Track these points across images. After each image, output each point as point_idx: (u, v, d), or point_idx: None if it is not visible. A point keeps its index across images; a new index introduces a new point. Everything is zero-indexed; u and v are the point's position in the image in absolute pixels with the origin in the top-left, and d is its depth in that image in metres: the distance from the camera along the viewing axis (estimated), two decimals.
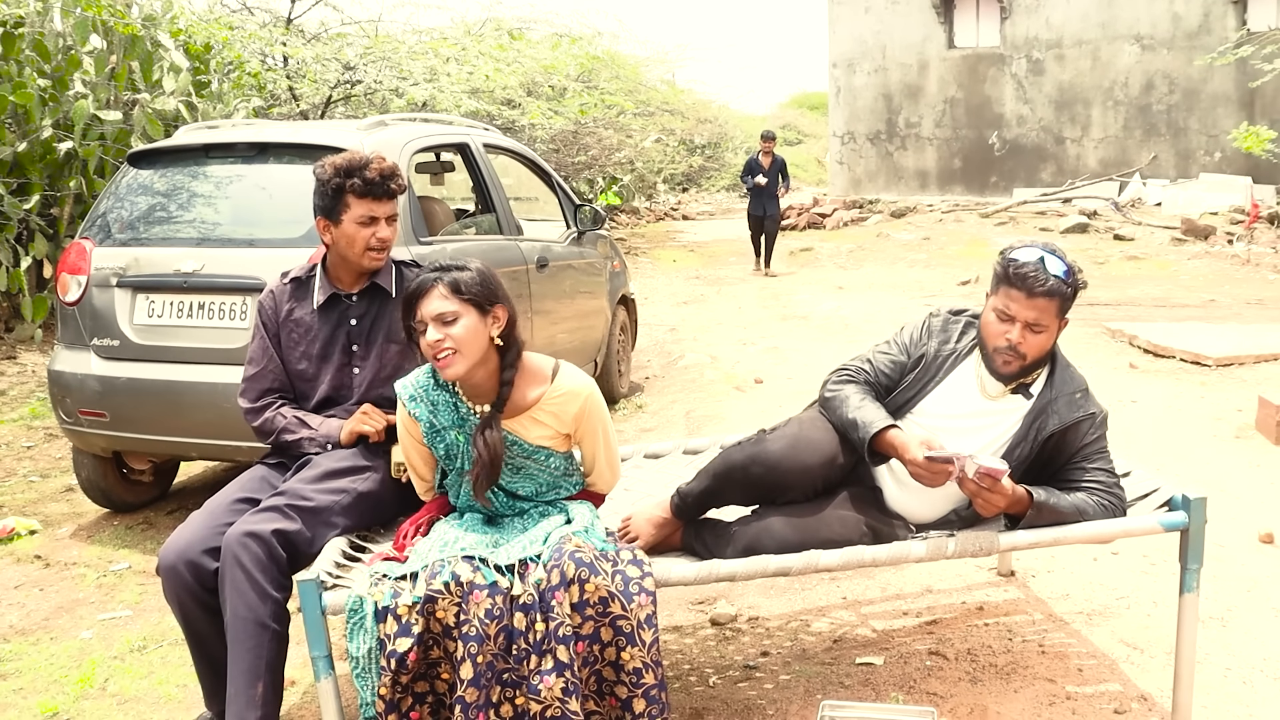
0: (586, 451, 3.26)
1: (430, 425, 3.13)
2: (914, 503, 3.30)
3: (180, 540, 3.22)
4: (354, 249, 3.51)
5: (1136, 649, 3.83)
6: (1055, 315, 3.16)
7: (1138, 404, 7.13)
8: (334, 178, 3.46)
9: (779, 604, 4.36)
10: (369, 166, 3.47)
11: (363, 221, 3.48)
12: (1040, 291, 3.11)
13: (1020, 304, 3.14)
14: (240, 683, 3.07)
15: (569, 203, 7.46)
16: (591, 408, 3.18)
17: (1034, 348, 3.18)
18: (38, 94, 9.28)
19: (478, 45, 14.89)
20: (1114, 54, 20.45)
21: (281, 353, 3.63)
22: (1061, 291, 3.14)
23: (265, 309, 3.65)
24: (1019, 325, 3.15)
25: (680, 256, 17.96)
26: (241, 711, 3.06)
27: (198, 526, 3.26)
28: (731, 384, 8.40)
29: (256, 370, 3.63)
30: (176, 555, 3.19)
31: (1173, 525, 3.16)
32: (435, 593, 2.79)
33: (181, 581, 3.19)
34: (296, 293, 3.65)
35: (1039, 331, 3.16)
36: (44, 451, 7.07)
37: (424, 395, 3.13)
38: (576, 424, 3.17)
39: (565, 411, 3.14)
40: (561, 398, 3.14)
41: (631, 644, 2.77)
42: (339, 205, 3.47)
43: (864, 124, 24.13)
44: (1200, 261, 14.49)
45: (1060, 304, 3.16)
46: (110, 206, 5.48)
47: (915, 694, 3.55)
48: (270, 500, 3.24)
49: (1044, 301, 3.12)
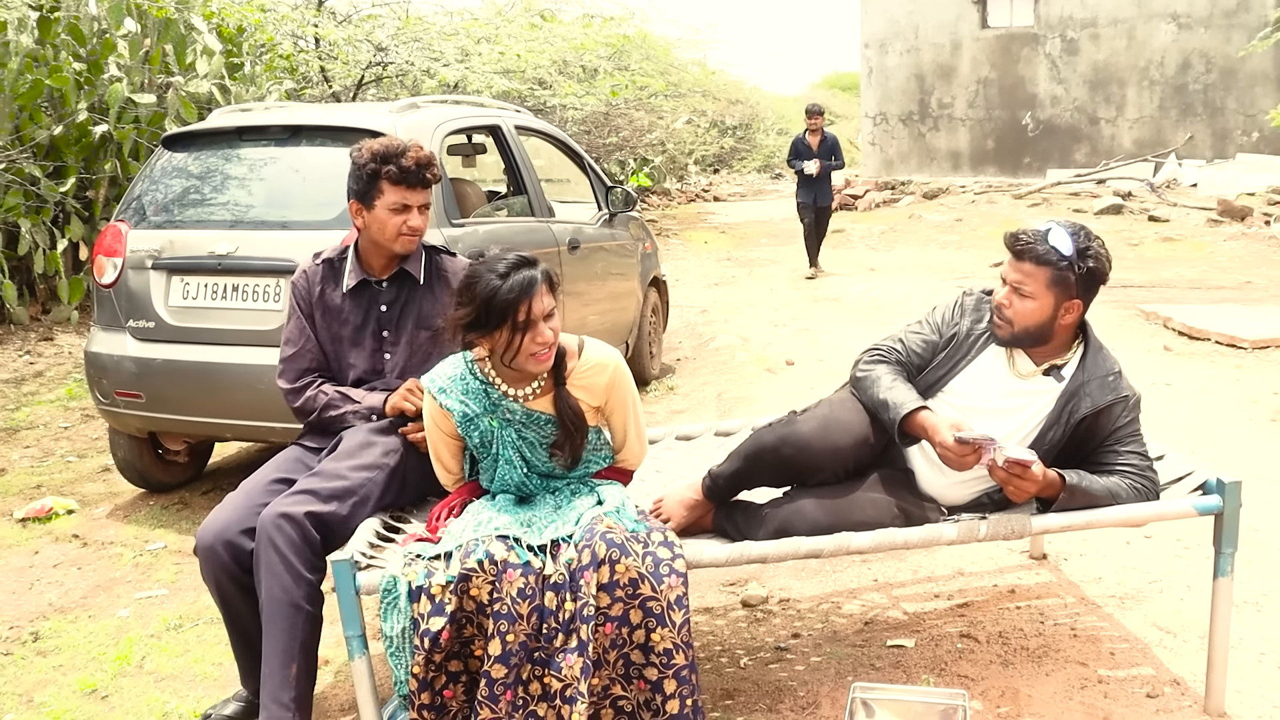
0: (616, 424, 3.26)
1: (464, 415, 3.13)
2: (946, 485, 3.30)
3: (217, 521, 3.26)
4: (385, 234, 3.51)
5: (1169, 633, 3.81)
6: (1045, 285, 3.14)
7: (1172, 387, 7.08)
8: (370, 163, 3.46)
9: (810, 586, 4.36)
10: (405, 154, 3.47)
11: (395, 209, 3.48)
12: (1027, 256, 3.14)
13: (1009, 265, 3.21)
14: (275, 662, 3.10)
15: (601, 184, 7.47)
16: (619, 377, 3.19)
17: (1019, 313, 3.18)
18: (73, 78, 9.37)
19: (509, 25, 14.87)
20: (1150, 33, 20.24)
21: (315, 333, 3.64)
22: (1051, 260, 3.12)
23: (299, 289, 3.66)
24: (1007, 287, 3.17)
25: (711, 238, 17.92)
26: (276, 691, 3.10)
27: (234, 508, 3.29)
28: (763, 366, 8.40)
29: (295, 350, 3.64)
30: (214, 536, 3.23)
31: (1207, 509, 3.14)
32: (469, 571, 2.81)
33: (219, 562, 3.23)
34: (328, 274, 3.65)
35: (1024, 296, 3.16)
36: (80, 432, 7.14)
37: (454, 386, 3.14)
38: (607, 395, 3.18)
39: (595, 384, 3.16)
40: (590, 370, 3.15)
41: (662, 625, 2.78)
42: (373, 190, 3.47)
43: (896, 105, 23.98)
44: (1236, 243, 14.34)
45: (1052, 275, 3.13)
46: (145, 189, 5.52)
47: (946, 676, 3.55)
48: (304, 482, 3.27)
49: (1030, 265, 3.14)
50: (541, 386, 3.13)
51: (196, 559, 3.31)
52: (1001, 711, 3.33)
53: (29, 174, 9.18)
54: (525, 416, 3.13)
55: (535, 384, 3.13)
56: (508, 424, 3.13)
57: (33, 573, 4.89)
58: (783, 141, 34.53)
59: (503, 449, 3.15)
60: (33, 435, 7.07)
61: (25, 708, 3.72)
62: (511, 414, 3.13)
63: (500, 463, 3.17)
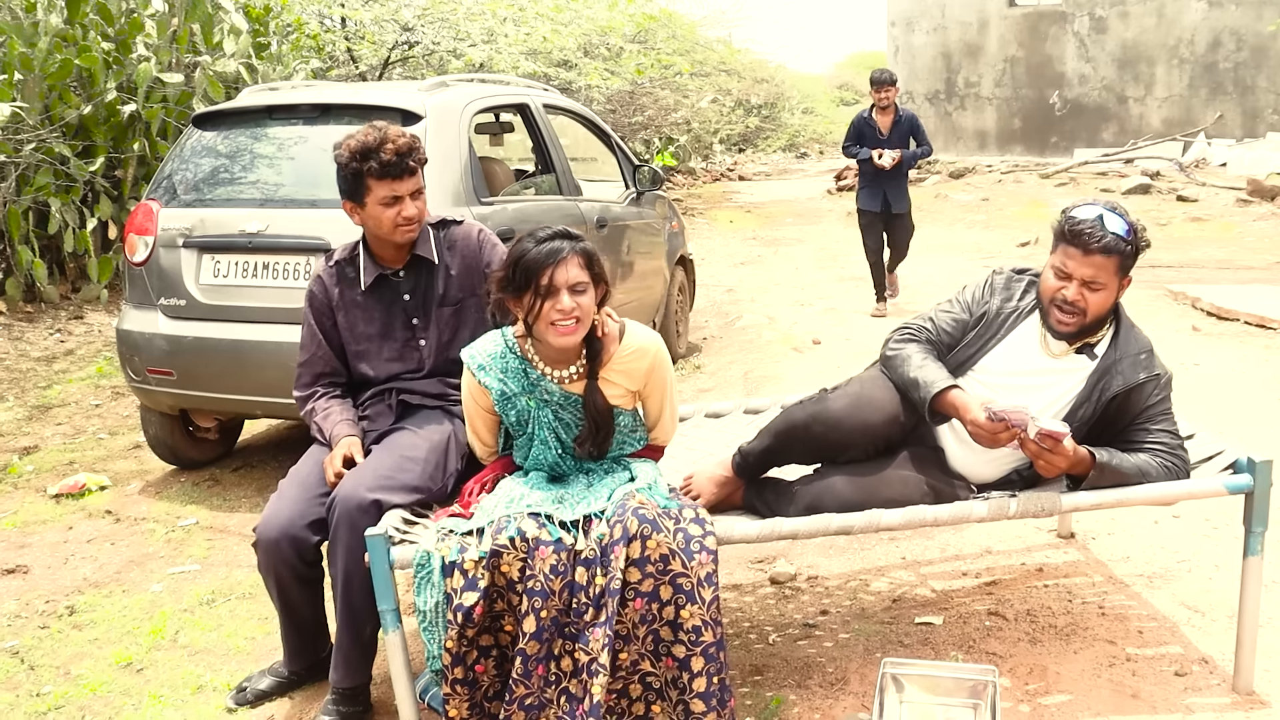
0: (652, 406, 3.27)
1: (501, 393, 3.14)
2: (976, 463, 3.30)
3: (281, 515, 3.29)
4: (383, 229, 3.46)
5: (1198, 612, 3.81)
6: (1114, 273, 3.14)
7: (1200, 367, 7.04)
8: (351, 162, 3.39)
9: (838, 563, 4.38)
10: (384, 147, 3.38)
11: (386, 202, 3.41)
12: (1096, 248, 3.09)
13: (1077, 261, 3.12)
14: (350, 640, 3.28)
15: (628, 163, 7.47)
16: (659, 362, 3.19)
17: (1093, 305, 3.15)
18: (102, 57, 9.43)
19: (535, 5, 14.85)
20: (1180, 10, 20.03)
21: (339, 336, 3.62)
22: (1120, 249, 3.11)
23: (316, 297, 3.62)
24: (1076, 283, 3.14)
25: (737, 217, 17.87)
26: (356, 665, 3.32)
27: (294, 500, 3.33)
28: (789, 344, 8.40)
29: (307, 356, 3.64)
30: (279, 531, 3.27)
31: (1237, 488, 3.14)
32: (500, 547, 2.83)
33: (281, 556, 3.28)
34: (344, 275, 3.61)
35: (1096, 289, 3.14)
36: (111, 410, 7.20)
37: (493, 364, 3.14)
38: (646, 379, 3.18)
39: (636, 369, 3.16)
40: (632, 355, 3.15)
41: (691, 602, 2.80)
42: (361, 188, 3.41)
43: (922, 84, 23.84)
44: (1266, 223, 14.20)
45: (1119, 262, 3.13)
46: (175, 168, 5.56)
47: (974, 653, 3.56)
48: (385, 466, 3.29)
49: (1100, 258, 3.10)
50: (581, 370, 3.14)
51: (255, 551, 3.36)
52: (1030, 689, 3.34)
53: (58, 153, 9.24)
54: (563, 398, 3.14)
55: (574, 367, 3.13)
56: (545, 404, 3.14)
57: (67, 548, 4.95)
58: (808, 122, 34.29)
59: (538, 429, 3.16)
60: (64, 413, 7.13)
61: (63, 680, 3.77)
62: (550, 395, 3.14)
63: (535, 442, 3.18)
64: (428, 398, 3.54)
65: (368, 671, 3.36)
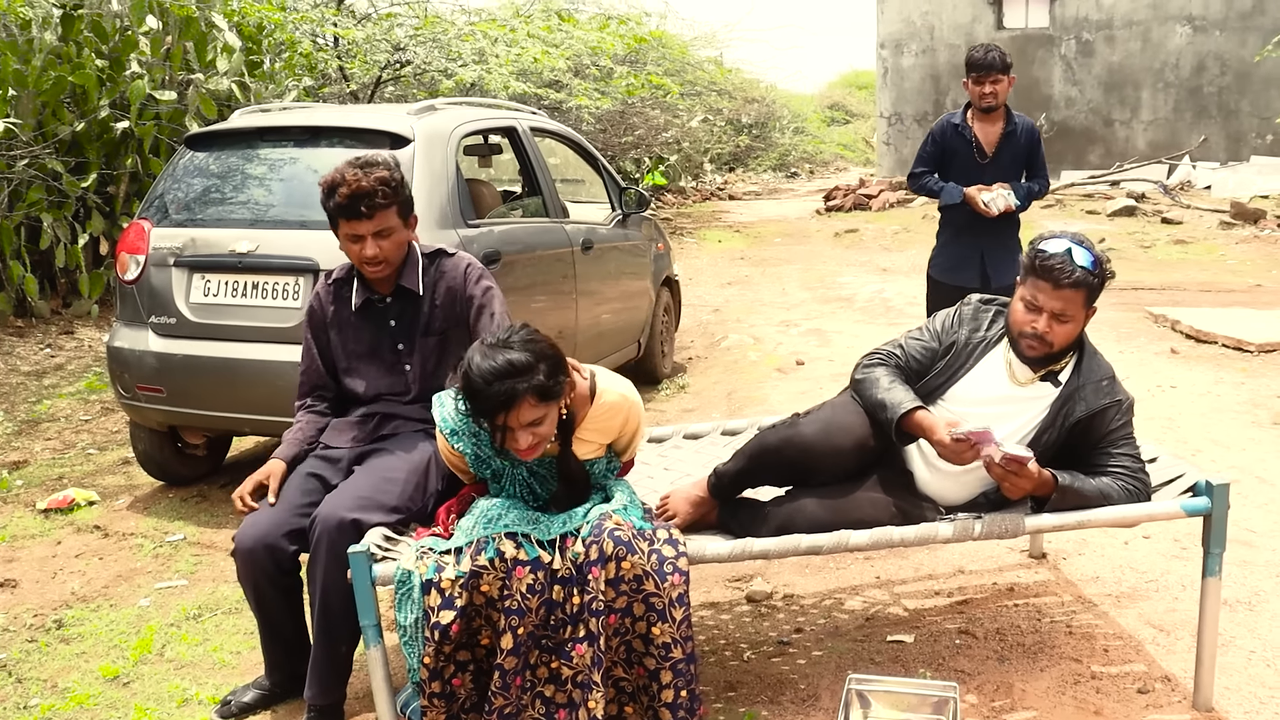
0: (623, 445, 3.35)
1: (475, 456, 3.21)
2: (943, 485, 3.40)
3: (258, 526, 3.38)
4: (355, 262, 3.55)
5: (1163, 631, 3.90)
6: (1081, 305, 3.25)
7: (1177, 389, 7.14)
8: (322, 197, 3.46)
9: (814, 583, 4.46)
10: (339, 190, 3.40)
11: (349, 239, 3.47)
12: (1067, 283, 3.20)
13: (1047, 294, 3.23)
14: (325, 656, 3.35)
15: (614, 185, 7.56)
16: (631, 415, 3.27)
17: (1060, 336, 3.27)
18: (96, 74, 9.50)
19: (526, 26, 14.95)
20: (1165, 35, 20.26)
21: (331, 352, 3.71)
22: (1088, 283, 3.22)
23: (314, 313, 3.72)
24: (1045, 315, 3.24)
25: (726, 237, 17.98)
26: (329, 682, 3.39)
27: (272, 512, 3.41)
28: (773, 365, 8.49)
29: (303, 369, 3.76)
30: (255, 540, 3.35)
31: (1195, 510, 3.24)
32: (480, 568, 2.93)
33: (259, 565, 3.36)
34: (339, 293, 3.69)
35: (1065, 321, 3.25)
36: (100, 425, 7.26)
37: (465, 428, 3.19)
38: (619, 431, 3.27)
39: (610, 426, 3.24)
40: (605, 414, 3.21)
41: (663, 620, 2.91)
42: (334, 224, 3.49)
43: (911, 105, 24.02)
44: (1248, 246, 14.36)
45: (1087, 294, 3.25)
46: (168, 188, 5.64)
47: (943, 671, 3.65)
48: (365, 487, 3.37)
49: (1070, 292, 3.21)
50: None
51: (234, 560, 3.43)
52: (996, 705, 3.43)
53: (51, 169, 9.31)
54: (537, 460, 3.20)
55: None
56: (519, 464, 3.22)
57: (55, 562, 5.02)
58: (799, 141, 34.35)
59: (512, 485, 3.25)
60: (54, 427, 7.19)
61: (50, 692, 3.84)
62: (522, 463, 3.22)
63: (506, 492, 3.26)
64: (410, 421, 3.62)
65: (343, 689, 3.44)
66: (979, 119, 5.94)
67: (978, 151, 5.94)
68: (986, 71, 5.75)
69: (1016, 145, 5.96)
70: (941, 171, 6.07)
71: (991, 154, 5.94)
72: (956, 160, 6.00)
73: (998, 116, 5.92)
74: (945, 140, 6.03)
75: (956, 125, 5.99)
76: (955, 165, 6.01)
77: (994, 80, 5.76)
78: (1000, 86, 5.79)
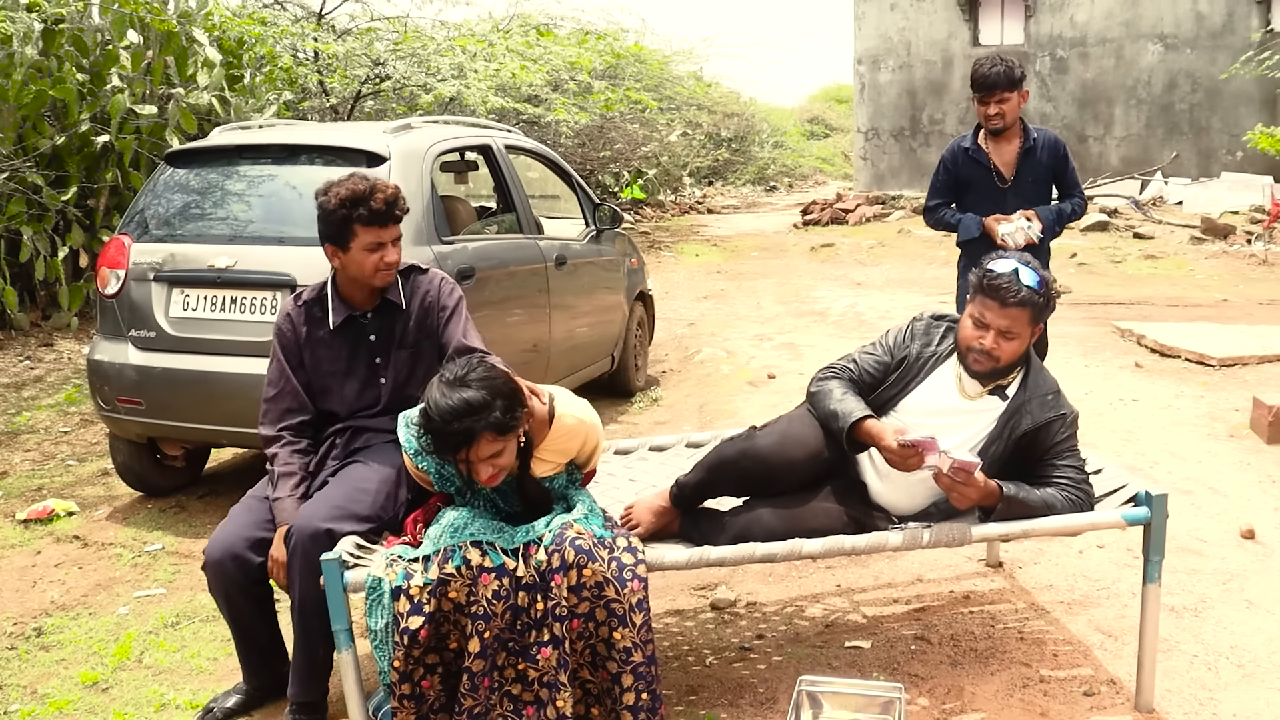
0: (583, 460, 3.50)
1: (439, 475, 3.36)
2: (895, 495, 3.54)
3: (225, 537, 3.52)
4: (364, 272, 3.63)
5: (1111, 636, 4.05)
6: (1027, 323, 3.40)
7: (1139, 403, 7.30)
8: (340, 208, 3.55)
9: (776, 591, 4.59)
10: (374, 196, 3.56)
11: (370, 248, 3.59)
12: (1013, 302, 3.36)
13: (994, 312, 3.38)
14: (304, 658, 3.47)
15: (588, 201, 7.68)
16: (588, 436, 3.42)
17: (1007, 352, 3.42)
18: (76, 89, 9.59)
19: (505, 41, 15.07)
20: (1137, 53, 20.51)
21: (306, 373, 3.78)
22: (1034, 302, 3.38)
23: (284, 333, 3.78)
24: (993, 332, 3.39)
25: (703, 251, 18.12)
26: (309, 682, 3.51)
27: (241, 523, 3.55)
28: (745, 379, 8.62)
29: (275, 392, 3.78)
30: (222, 551, 3.49)
31: (1135, 519, 3.38)
32: (448, 576, 3.06)
33: (228, 575, 3.50)
34: (312, 315, 3.77)
35: (1011, 338, 3.40)
36: (80, 436, 7.34)
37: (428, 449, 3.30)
38: (578, 451, 3.42)
39: (568, 448, 3.39)
40: (563, 437, 3.35)
41: (623, 625, 3.05)
42: (347, 233, 3.58)
43: (888, 120, 24.23)
44: (1217, 261, 14.57)
45: (1032, 313, 3.39)
46: (148, 203, 5.75)
47: (898, 675, 3.78)
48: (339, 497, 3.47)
49: (1016, 311, 3.36)
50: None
51: (205, 573, 3.56)
52: (946, 708, 3.57)
53: (31, 182, 9.38)
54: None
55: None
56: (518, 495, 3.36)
57: (35, 571, 5.10)
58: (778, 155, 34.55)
59: (477, 500, 3.38)
60: (33, 439, 7.27)
61: (30, 699, 3.93)
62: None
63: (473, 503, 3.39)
64: (381, 433, 3.73)
65: (324, 685, 3.56)
66: (992, 139, 5.46)
67: (996, 176, 5.43)
68: (990, 91, 5.28)
69: (1037, 164, 5.45)
70: (959, 201, 5.58)
71: (1011, 177, 5.43)
72: (974, 188, 5.48)
73: (1013, 134, 5.43)
74: (958, 167, 5.52)
75: (968, 149, 5.49)
76: (973, 193, 5.49)
77: (1000, 99, 5.29)
78: (1008, 105, 5.30)
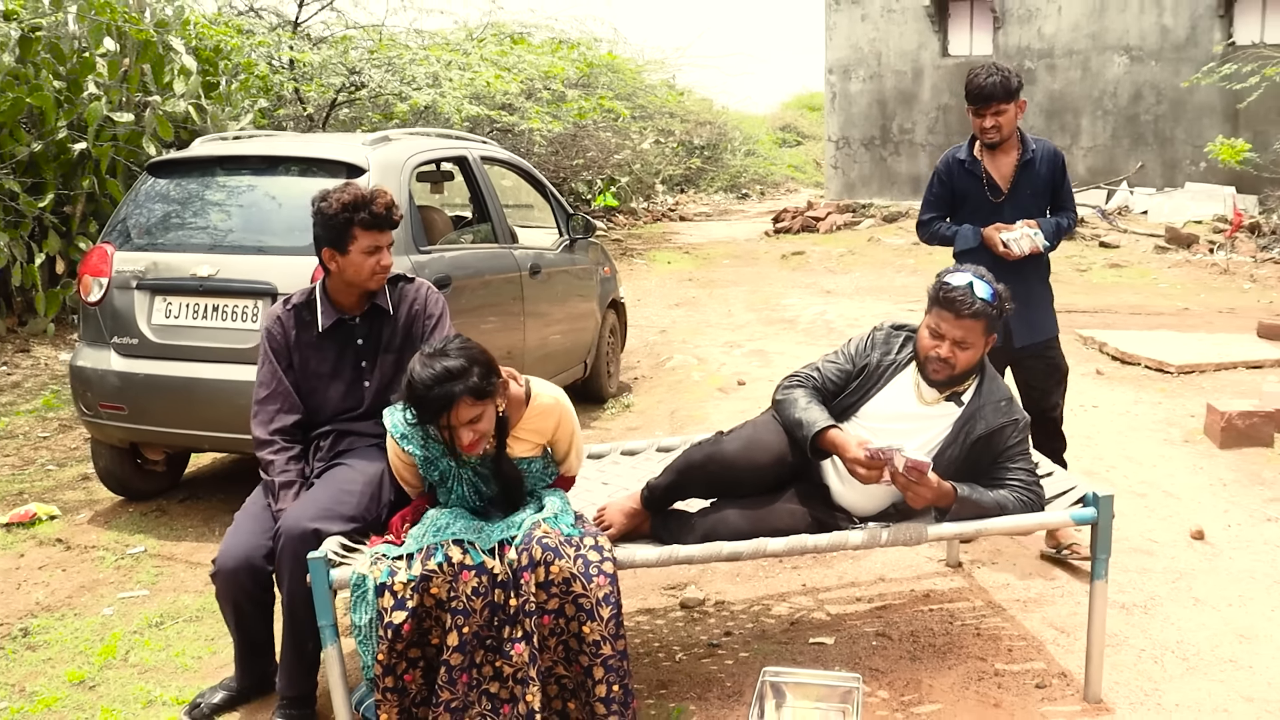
0: (560, 448, 3.66)
1: (424, 458, 3.51)
2: (856, 497, 3.71)
3: (240, 547, 3.63)
4: (361, 275, 3.80)
5: (1064, 632, 4.22)
6: (982, 334, 3.58)
7: (1098, 409, 7.50)
8: (341, 213, 3.73)
9: (744, 590, 4.74)
10: (375, 201, 3.75)
11: (368, 251, 3.77)
12: (968, 314, 3.53)
13: (950, 323, 3.56)
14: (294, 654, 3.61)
15: (562, 211, 7.82)
16: (564, 416, 3.58)
17: (962, 361, 3.59)
18: (53, 96, 9.64)
19: (479, 51, 15.17)
20: (1103, 64, 20.81)
21: (294, 374, 3.92)
22: (987, 313, 3.55)
23: (274, 336, 3.92)
24: (948, 341, 3.57)
25: (675, 259, 18.26)
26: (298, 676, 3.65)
27: (251, 533, 3.67)
28: (716, 385, 8.77)
29: (267, 393, 3.91)
30: (237, 562, 3.61)
31: (1082, 519, 3.56)
32: (430, 572, 3.21)
33: (239, 584, 3.63)
34: (300, 318, 3.93)
35: (966, 348, 3.57)
36: (59, 442, 7.43)
37: (414, 433, 3.49)
38: (553, 432, 3.58)
39: (544, 427, 3.56)
40: (539, 415, 3.54)
41: (591, 619, 3.21)
42: (346, 237, 3.75)
43: (859, 129, 24.47)
44: (1180, 270, 14.81)
45: (986, 324, 3.57)
46: (130, 213, 5.86)
47: (859, 669, 3.95)
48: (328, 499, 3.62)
49: (970, 322, 3.54)
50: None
51: (214, 581, 3.68)
52: (904, 699, 3.74)
53: (8, 189, 9.45)
54: (479, 460, 3.49)
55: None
56: (464, 464, 3.50)
57: (19, 574, 5.21)
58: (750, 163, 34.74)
59: (458, 485, 3.54)
60: (13, 444, 7.35)
61: (18, 696, 4.04)
62: (467, 458, 3.49)
63: (455, 495, 3.55)
64: (364, 436, 3.88)
65: (312, 680, 3.70)
66: (988, 151, 5.13)
67: (990, 189, 5.12)
68: (986, 103, 4.95)
69: (1036, 176, 5.11)
70: (953, 215, 5.28)
71: (1008, 190, 5.11)
72: (969, 201, 5.18)
73: (1010, 145, 5.10)
74: (953, 180, 5.21)
75: (963, 161, 5.18)
76: (968, 207, 5.18)
77: (996, 111, 4.95)
78: (1005, 118, 4.96)
